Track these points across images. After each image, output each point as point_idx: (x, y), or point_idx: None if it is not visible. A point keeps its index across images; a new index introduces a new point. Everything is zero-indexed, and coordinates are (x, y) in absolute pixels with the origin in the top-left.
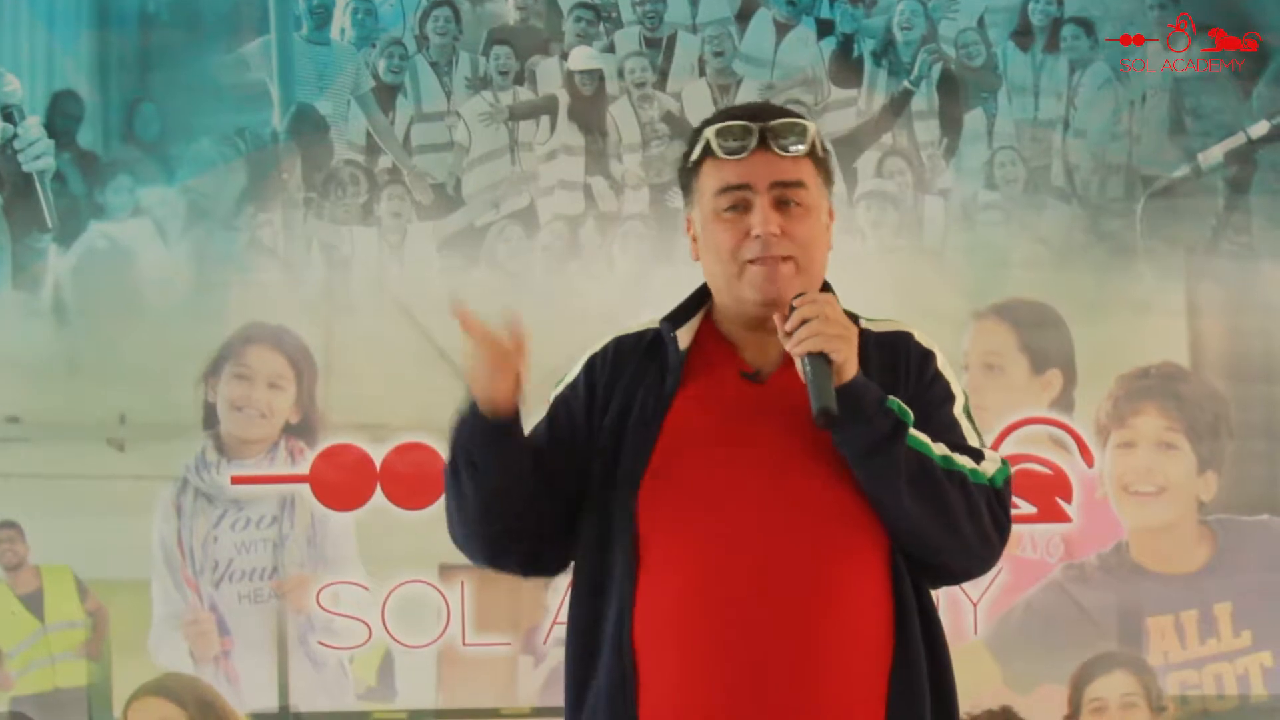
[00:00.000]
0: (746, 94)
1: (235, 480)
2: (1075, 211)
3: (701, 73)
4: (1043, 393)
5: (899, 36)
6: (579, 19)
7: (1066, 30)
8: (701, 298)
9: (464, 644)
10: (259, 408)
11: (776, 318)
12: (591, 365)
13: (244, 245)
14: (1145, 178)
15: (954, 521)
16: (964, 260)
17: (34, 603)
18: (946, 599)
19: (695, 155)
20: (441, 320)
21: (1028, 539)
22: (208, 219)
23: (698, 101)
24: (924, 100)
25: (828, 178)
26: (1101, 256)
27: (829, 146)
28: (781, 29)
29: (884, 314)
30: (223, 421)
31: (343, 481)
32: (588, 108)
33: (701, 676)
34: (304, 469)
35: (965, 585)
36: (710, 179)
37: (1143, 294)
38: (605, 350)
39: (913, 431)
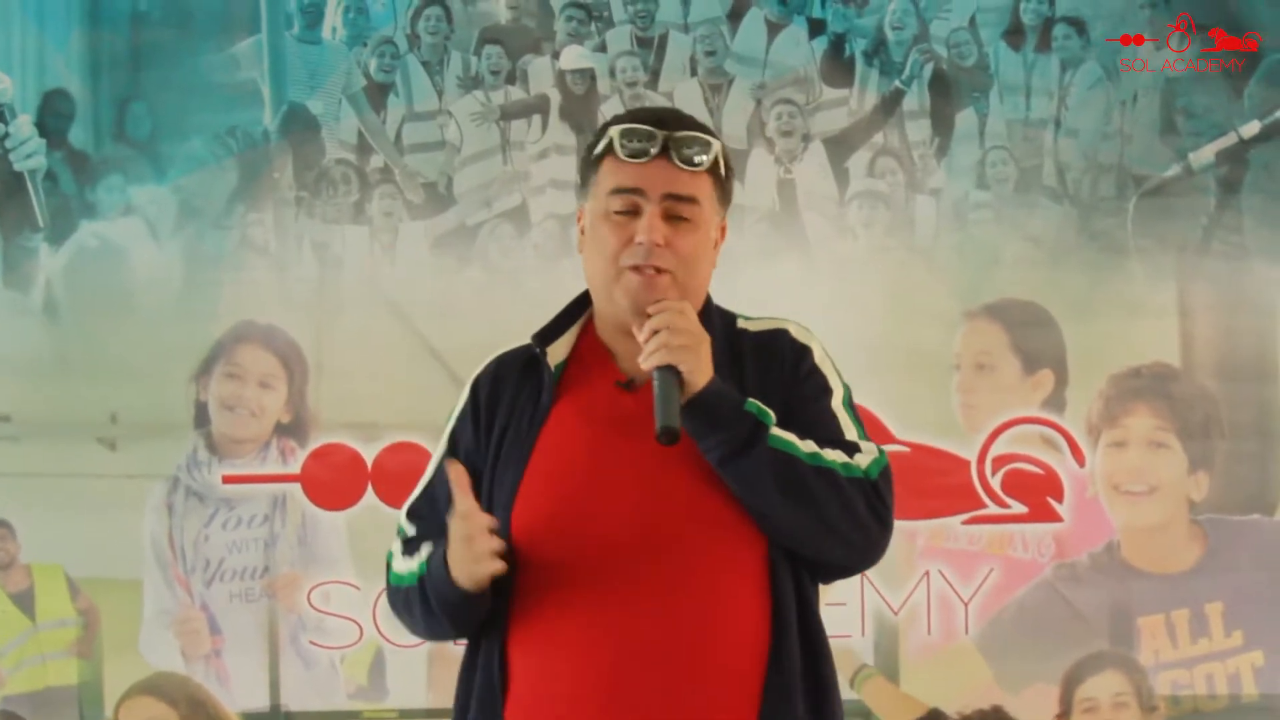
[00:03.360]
0: (738, 93)
1: (226, 479)
2: (1067, 211)
3: (693, 72)
4: (1034, 392)
5: (890, 36)
6: (570, 18)
7: (1058, 30)
8: (579, 306)
9: (455, 643)
10: (250, 407)
11: (635, 327)
12: (475, 389)
13: (235, 244)
14: (1137, 177)
15: (825, 518)
16: (955, 260)
17: (25, 601)
18: (938, 599)
19: (598, 150)
20: (433, 320)
21: (1019, 538)
22: (199, 218)
23: (690, 101)
24: (915, 100)
25: (724, 197)
26: (1093, 256)
27: (731, 165)
28: (773, 28)
29: (872, 311)
30: (214, 420)
31: (334, 481)
32: (579, 107)
33: (567, 681)
34: (295, 468)
35: (957, 586)
36: (607, 177)
37: (1134, 294)
38: (486, 372)
39: (775, 431)
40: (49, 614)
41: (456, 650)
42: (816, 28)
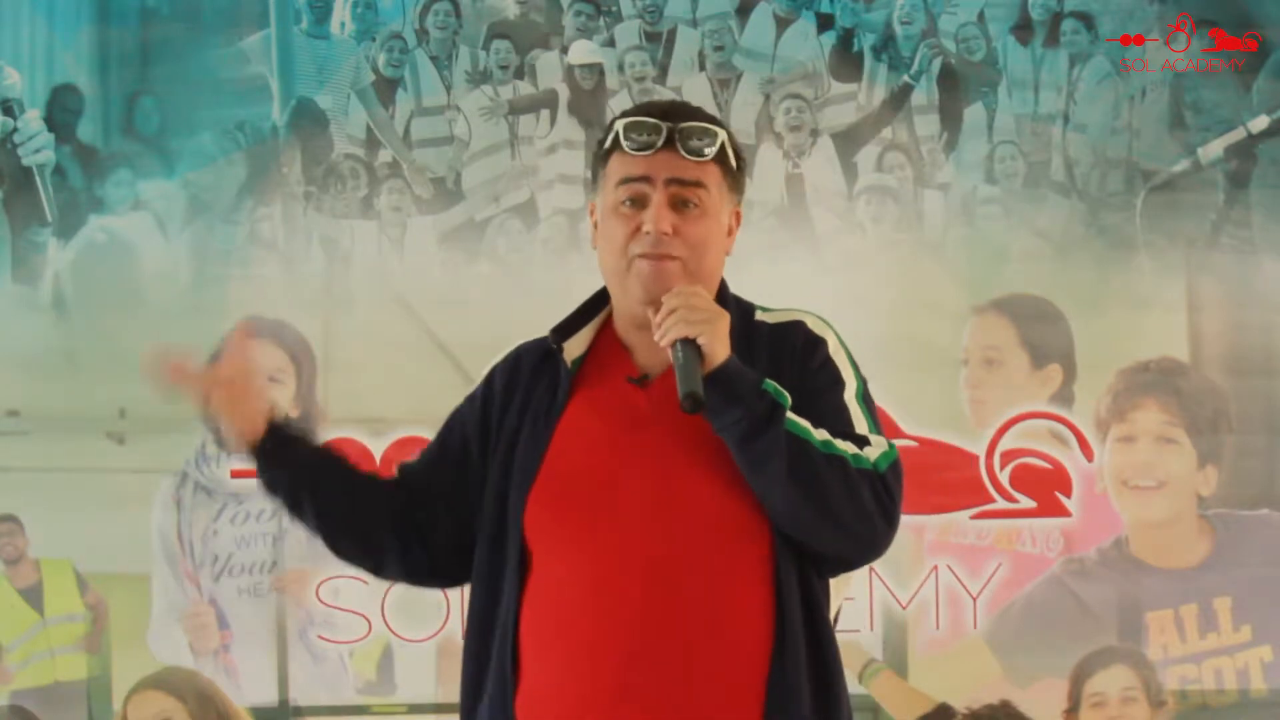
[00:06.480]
0: (747, 88)
1: (235, 474)
2: (1075, 206)
3: (702, 67)
4: (1042, 387)
5: (899, 31)
6: (579, 13)
7: (1066, 25)
8: (599, 301)
9: (463, 637)
10: None
11: (650, 313)
12: (491, 377)
13: (244, 239)
14: (1145, 172)
15: (831, 506)
16: (964, 254)
17: (34, 596)
18: (947, 594)
19: (606, 145)
20: (441, 314)
21: (1027, 533)
22: (208, 213)
23: (698, 95)
24: (924, 94)
25: (735, 185)
26: (1101, 251)
27: (742, 155)
28: (782, 23)
29: (880, 306)
30: None
31: None
32: (588, 102)
33: (575, 672)
34: None
35: (965, 581)
36: (614, 170)
37: (1143, 288)
38: (506, 360)
39: (790, 415)
40: (57, 609)
41: None
42: (825, 22)
